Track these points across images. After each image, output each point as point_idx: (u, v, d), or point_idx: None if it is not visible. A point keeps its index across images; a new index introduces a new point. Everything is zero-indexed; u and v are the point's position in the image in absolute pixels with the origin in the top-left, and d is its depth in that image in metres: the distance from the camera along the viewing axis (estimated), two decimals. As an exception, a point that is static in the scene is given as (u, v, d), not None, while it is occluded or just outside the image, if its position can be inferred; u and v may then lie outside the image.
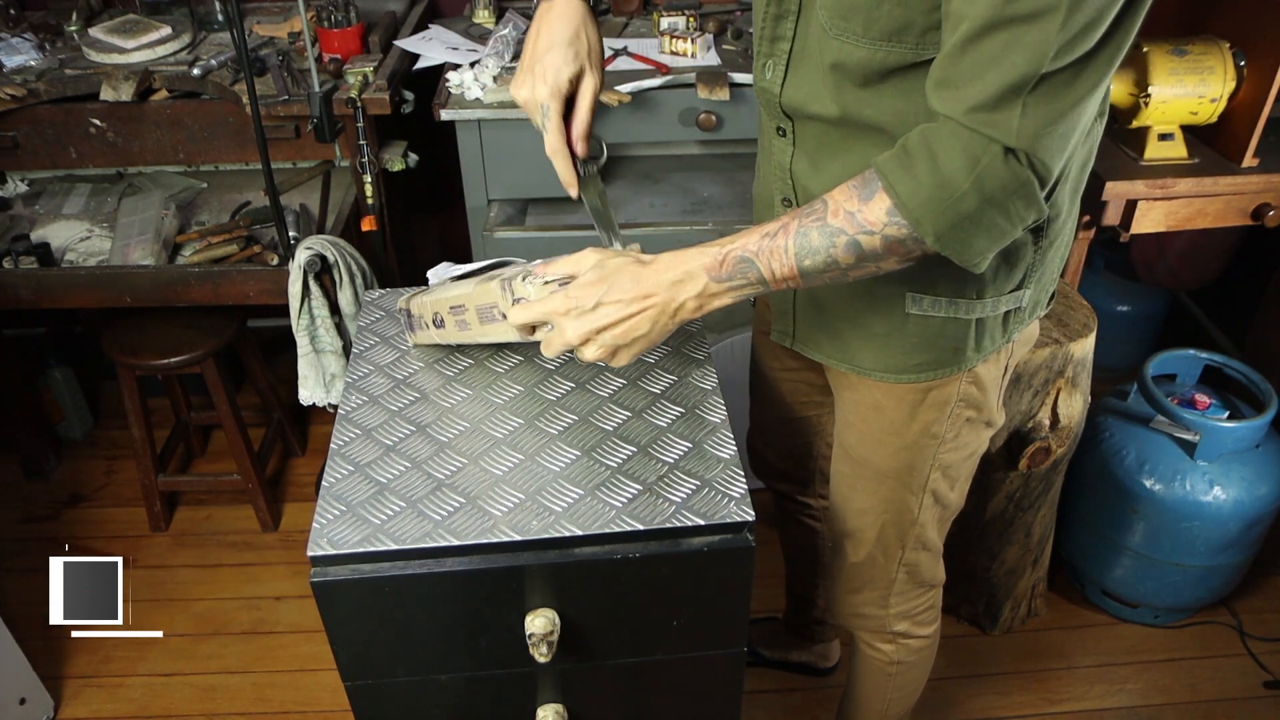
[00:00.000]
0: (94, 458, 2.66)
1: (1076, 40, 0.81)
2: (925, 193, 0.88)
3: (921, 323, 1.13)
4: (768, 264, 0.95)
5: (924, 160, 0.88)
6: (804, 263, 0.94)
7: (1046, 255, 1.12)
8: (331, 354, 2.07)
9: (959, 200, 0.87)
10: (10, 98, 2.06)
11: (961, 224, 0.89)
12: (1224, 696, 2.02)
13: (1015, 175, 0.86)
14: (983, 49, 0.82)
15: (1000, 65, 0.82)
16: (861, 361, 1.20)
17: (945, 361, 1.17)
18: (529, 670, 1.17)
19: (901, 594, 1.42)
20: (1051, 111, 0.84)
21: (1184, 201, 1.94)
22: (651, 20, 2.26)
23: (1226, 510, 1.90)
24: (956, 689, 2.04)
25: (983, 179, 0.86)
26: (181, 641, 2.17)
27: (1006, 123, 0.84)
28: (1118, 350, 2.73)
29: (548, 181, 2.06)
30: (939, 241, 0.90)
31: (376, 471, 1.15)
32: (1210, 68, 1.83)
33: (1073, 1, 0.78)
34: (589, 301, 0.97)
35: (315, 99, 1.90)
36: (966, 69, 0.84)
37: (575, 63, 1.08)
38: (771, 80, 1.07)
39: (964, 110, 0.85)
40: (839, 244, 0.92)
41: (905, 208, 0.89)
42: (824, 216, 0.93)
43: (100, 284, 2.03)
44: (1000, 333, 1.17)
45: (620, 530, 1.07)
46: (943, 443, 1.25)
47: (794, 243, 0.93)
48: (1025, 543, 2.00)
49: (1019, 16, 0.79)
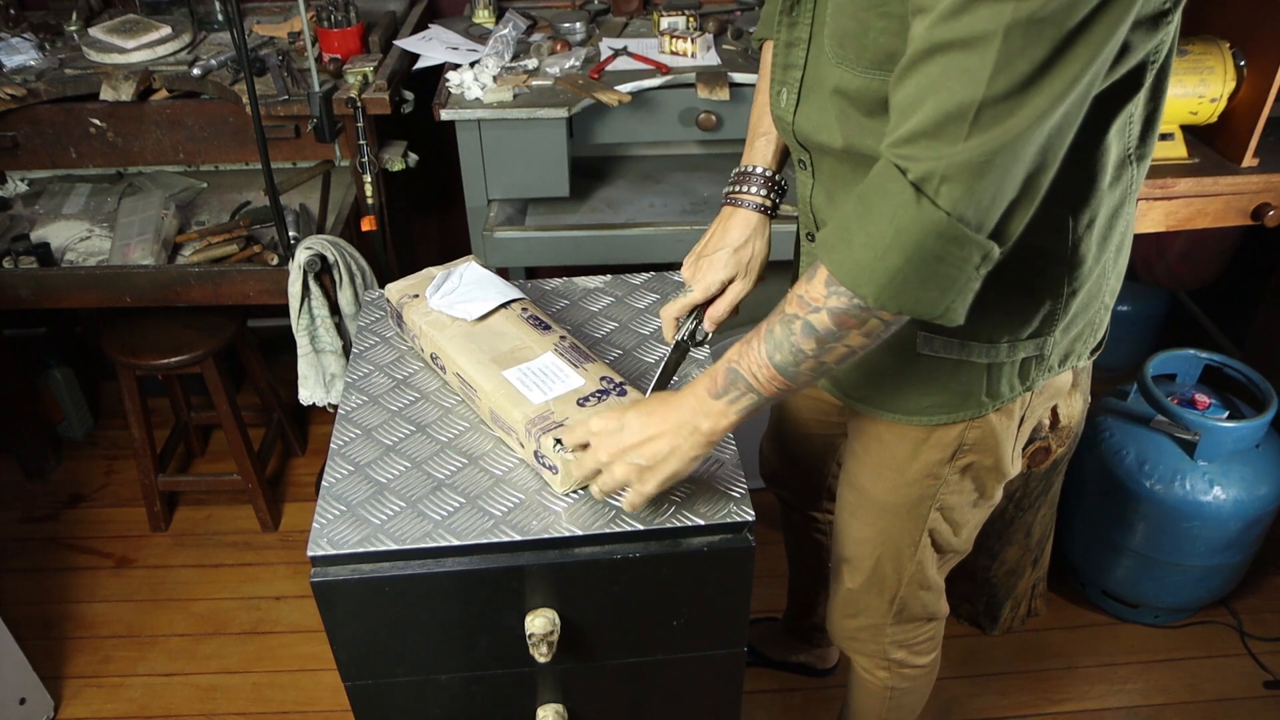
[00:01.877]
0: (94, 458, 2.66)
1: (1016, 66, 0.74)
2: (854, 255, 0.84)
3: (932, 364, 1.11)
4: (749, 370, 0.95)
5: (854, 225, 0.84)
6: (774, 358, 0.93)
7: (1073, 304, 1.06)
8: (331, 354, 2.08)
9: (885, 255, 0.82)
10: (10, 98, 2.06)
11: (898, 280, 0.83)
12: (1224, 696, 2.02)
13: (931, 217, 0.80)
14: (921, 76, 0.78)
15: (936, 93, 0.77)
16: (872, 400, 1.19)
17: (955, 406, 1.13)
18: (529, 670, 1.17)
19: (898, 626, 1.40)
20: (984, 150, 0.77)
21: (1184, 201, 1.94)
22: (651, 20, 2.26)
23: (1226, 510, 1.90)
24: (956, 689, 2.04)
25: (902, 229, 0.81)
26: (181, 641, 2.17)
27: (932, 155, 0.78)
28: (1118, 350, 2.73)
29: (547, 182, 2.08)
30: (880, 302, 0.84)
31: (376, 471, 1.15)
32: (1210, 68, 1.83)
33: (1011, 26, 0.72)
34: (616, 424, 1.03)
35: (315, 99, 1.90)
36: (908, 99, 0.80)
37: (733, 269, 1.22)
38: (785, 108, 1.07)
39: (890, 142, 0.81)
40: (795, 330, 0.91)
41: (839, 273, 0.86)
42: (782, 308, 0.92)
43: (100, 284, 2.03)
44: (1018, 381, 1.12)
45: (620, 530, 1.07)
46: (944, 484, 1.22)
47: (763, 343, 0.93)
48: (1025, 543, 2.00)
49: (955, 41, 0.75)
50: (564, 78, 2.04)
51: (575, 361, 1.20)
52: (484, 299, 1.27)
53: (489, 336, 1.23)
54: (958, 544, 1.32)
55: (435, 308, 1.28)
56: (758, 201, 1.21)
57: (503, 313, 1.27)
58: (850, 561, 1.36)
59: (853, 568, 1.36)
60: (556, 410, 1.12)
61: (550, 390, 1.15)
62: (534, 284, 1.48)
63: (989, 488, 1.25)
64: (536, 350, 1.21)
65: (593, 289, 1.47)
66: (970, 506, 1.27)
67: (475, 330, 1.24)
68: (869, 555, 1.33)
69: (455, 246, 2.71)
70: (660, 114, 2.07)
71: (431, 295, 1.29)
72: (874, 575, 1.34)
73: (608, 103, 1.97)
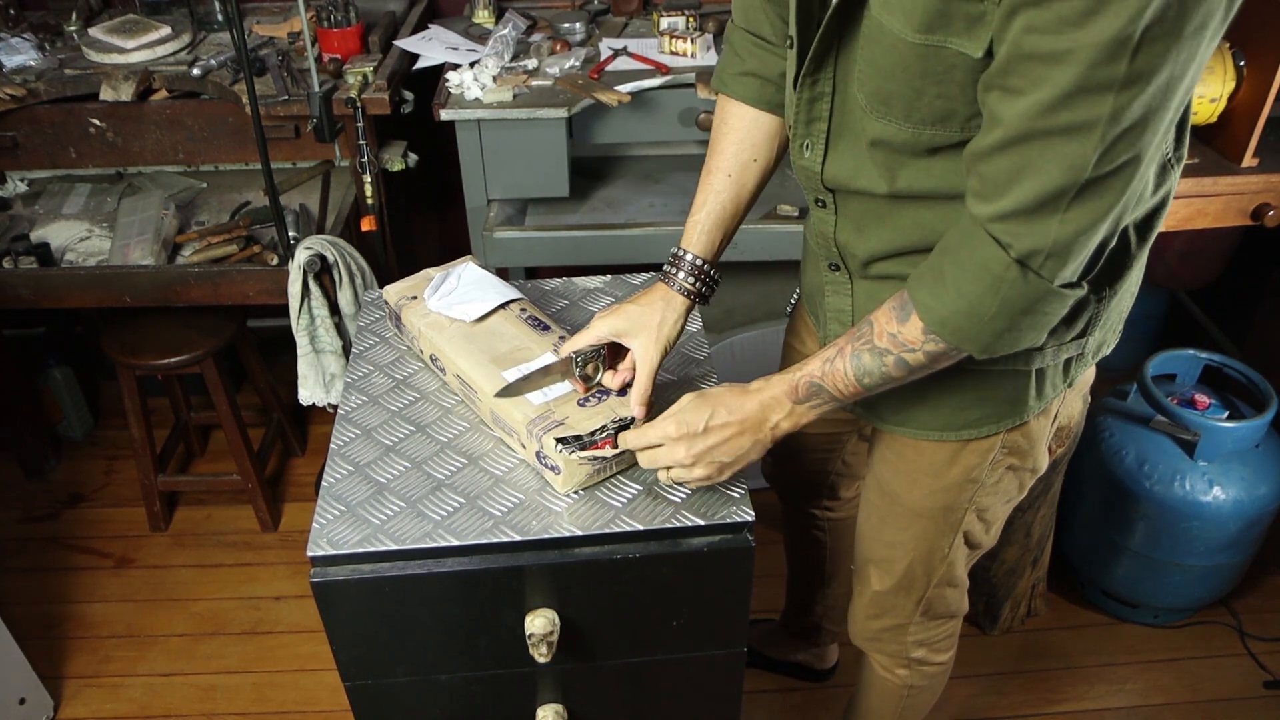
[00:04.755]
0: (94, 458, 2.66)
1: (1120, 149, 0.79)
2: (957, 319, 0.91)
3: (979, 377, 1.11)
4: (834, 385, 1.02)
5: (951, 285, 0.90)
6: (864, 381, 1.01)
7: (1113, 301, 1.09)
8: (331, 354, 2.07)
9: (991, 321, 0.90)
10: (10, 98, 2.06)
11: (1000, 336, 0.92)
12: (1224, 696, 2.02)
13: (1036, 289, 0.87)
14: (1017, 155, 0.81)
15: (1036, 175, 0.81)
16: (918, 422, 1.18)
17: (1004, 414, 1.15)
18: (529, 670, 1.17)
19: (921, 624, 1.41)
20: (1086, 222, 0.83)
21: (1184, 201, 1.93)
22: (651, 20, 2.26)
23: (1226, 510, 1.90)
24: (956, 689, 2.04)
25: (1007, 300, 0.88)
26: (181, 641, 2.17)
27: (1033, 234, 0.84)
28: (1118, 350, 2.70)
29: (547, 182, 2.08)
30: (985, 353, 0.94)
31: (376, 471, 1.15)
32: (1210, 68, 1.83)
33: (1114, 114, 0.77)
34: (699, 425, 1.04)
35: (315, 99, 1.90)
36: (1001, 174, 0.83)
37: (643, 332, 1.14)
38: (811, 159, 1.07)
39: (990, 216, 0.85)
40: (889, 363, 0.98)
41: (941, 332, 0.93)
42: (871, 339, 0.99)
43: (100, 284, 2.03)
44: (1061, 380, 1.15)
45: (620, 530, 1.07)
46: (981, 487, 1.23)
47: (850, 366, 1.00)
48: (1025, 543, 2.00)
49: (1056, 129, 0.78)
50: (564, 78, 2.04)
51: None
52: (482, 300, 1.27)
53: (488, 337, 1.23)
54: (988, 541, 1.34)
55: (434, 309, 1.28)
56: (687, 288, 1.17)
57: (501, 313, 1.27)
58: (880, 564, 1.36)
59: (883, 570, 1.36)
60: (557, 410, 1.12)
61: (550, 391, 1.15)
62: (534, 284, 1.48)
63: (1023, 485, 1.27)
64: (535, 351, 1.21)
65: (593, 289, 1.47)
66: (1003, 504, 1.29)
67: (474, 331, 1.24)
68: (900, 559, 1.32)
69: (455, 246, 2.71)
70: (660, 114, 2.07)
71: (430, 296, 1.29)
72: (905, 577, 1.34)
73: (608, 103, 1.97)
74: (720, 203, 1.18)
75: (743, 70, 1.18)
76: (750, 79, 1.18)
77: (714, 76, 1.23)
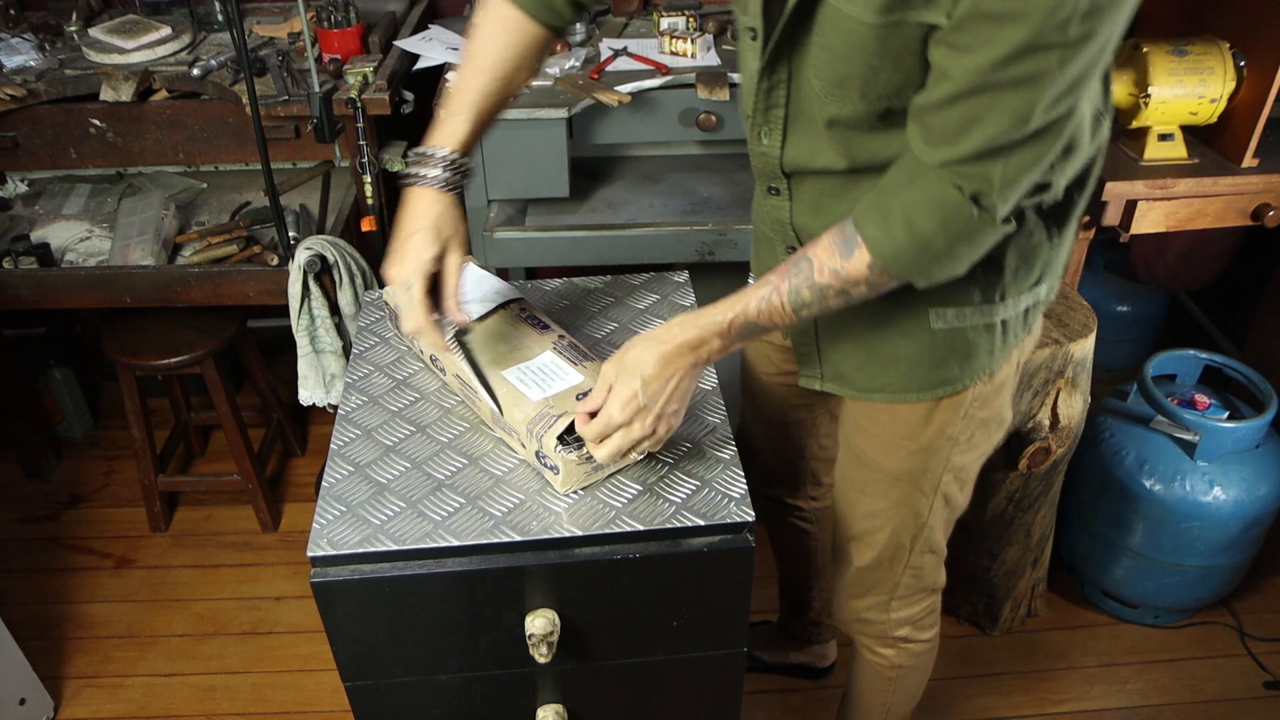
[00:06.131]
0: (94, 458, 2.66)
1: (1061, 100, 0.85)
2: (907, 254, 0.96)
3: (949, 336, 1.14)
4: (769, 319, 1.05)
5: (900, 221, 0.95)
6: (801, 312, 1.04)
7: (1060, 249, 1.14)
8: (331, 354, 2.08)
9: (938, 254, 0.96)
10: (10, 98, 2.06)
11: (943, 267, 0.98)
12: (1224, 696, 2.02)
13: (982, 224, 0.94)
14: (966, 107, 0.86)
15: (984, 125, 0.86)
16: (893, 386, 1.20)
17: (974, 369, 1.18)
18: (529, 670, 1.17)
19: (904, 599, 1.42)
20: (1027, 167, 0.90)
21: (1184, 202, 1.94)
22: (651, 20, 2.26)
23: (1226, 510, 1.90)
24: (956, 689, 2.04)
25: (957, 235, 0.95)
26: (181, 641, 2.17)
27: (982, 177, 0.90)
28: (1118, 350, 2.73)
29: (547, 182, 2.08)
30: (928, 283, 1.00)
31: (376, 472, 1.15)
32: (1210, 68, 1.83)
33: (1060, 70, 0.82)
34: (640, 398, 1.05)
35: (315, 99, 1.90)
36: (950, 125, 0.88)
37: (437, 243, 1.12)
38: (769, 145, 1.10)
39: (942, 162, 0.91)
40: (829, 294, 1.02)
41: (890, 267, 0.98)
42: (811, 275, 1.02)
43: (100, 284, 2.03)
44: (1022, 328, 1.20)
45: (620, 530, 1.07)
46: (956, 444, 1.25)
47: (789, 301, 1.04)
48: (1025, 543, 2.00)
49: (1005, 82, 0.83)
50: (564, 78, 2.04)
51: (575, 359, 1.20)
52: (482, 300, 1.27)
53: (488, 337, 1.23)
54: (962, 501, 1.36)
55: None
56: (443, 179, 1.13)
57: (501, 313, 1.27)
58: (860, 539, 1.37)
59: (863, 544, 1.37)
60: (557, 408, 1.12)
61: (550, 388, 1.15)
62: (534, 284, 1.48)
63: (994, 438, 1.30)
64: (536, 350, 1.21)
65: (593, 289, 1.47)
66: (975, 461, 1.31)
67: (474, 331, 1.24)
68: (882, 528, 1.34)
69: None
70: (660, 114, 2.07)
71: None
72: (887, 548, 1.35)
73: (608, 103, 1.97)
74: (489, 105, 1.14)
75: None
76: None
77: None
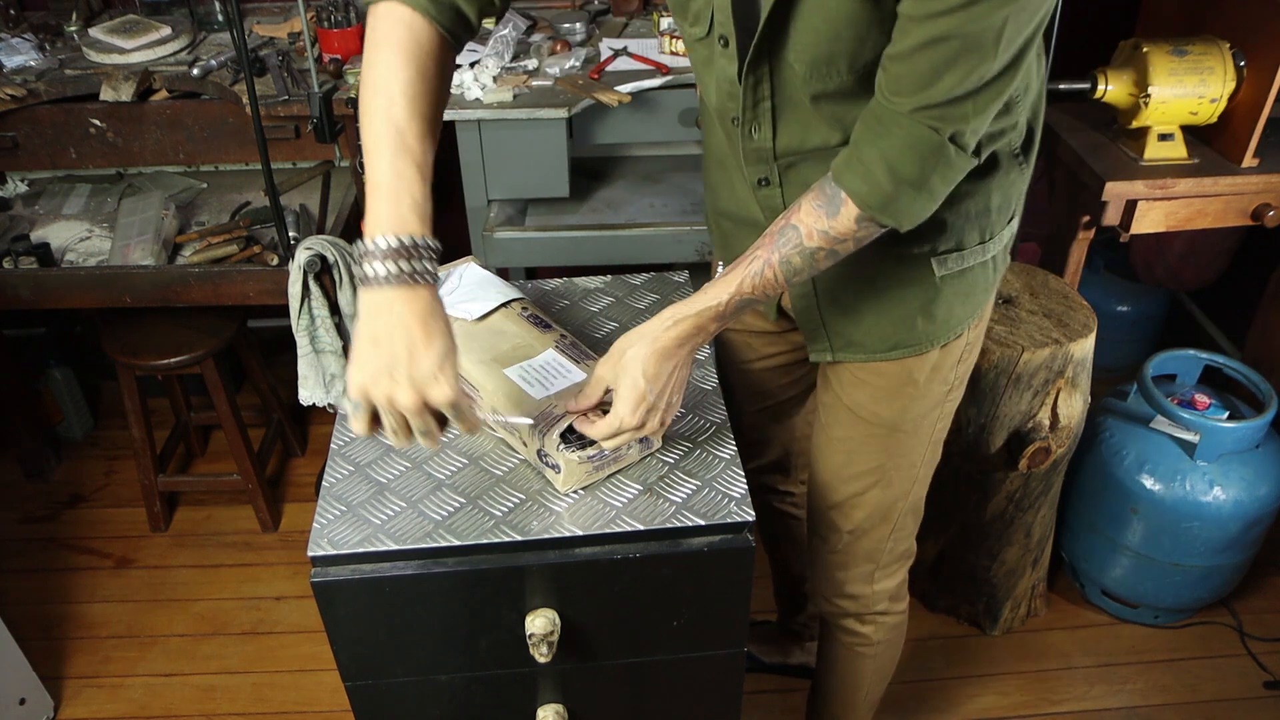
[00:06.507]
0: (94, 458, 2.66)
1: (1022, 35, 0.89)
2: (893, 199, 0.98)
3: (954, 281, 1.17)
4: (762, 293, 1.07)
5: (881, 170, 0.97)
6: (792, 279, 1.06)
7: (1026, 181, 1.18)
8: (331, 354, 2.07)
9: (920, 193, 0.98)
10: (10, 98, 2.06)
11: (924, 208, 1.01)
12: (1224, 696, 2.02)
13: (959, 160, 0.98)
14: (936, 53, 0.89)
15: (955, 69, 0.89)
16: (905, 343, 1.21)
17: (975, 307, 1.22)
18: (529, 670, 1.17)
19: (886, 568, 1.44)
20: (992, 103, 0.94)
21: (1184, 202, 1.94)
22: (651, 20, 2.26)
23: (1226, 510, 1.90)
24: (956, 689, 2.04)
25: (941, 174, 0.98)
26: (181, 641, 2.17)
27: (957, 117, 0.93)
28: (1118, 350, 2.73)
29: (547, 182, 2.08)
30: (911, 225, 1.02)
31: (376, 471, 1.15)
32: (1210, 68, 1.84)
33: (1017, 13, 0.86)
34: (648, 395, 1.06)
35: (315, 99, 1.90)
36: (922, 72, 0.91)
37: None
38: (761, 139, 1.10)
39: (915, 108, 0.93)
40: (819, 257, 1.04)
41: (878, 215, 0.99)
42: (800, 241, 1.03)
43: (100, 284, 2.03)
44: (1004, 261, 1.24)
45: (620, 530, 1.07)
46: (951, 389, 1.28)
47: (780, 270, 1.05)
48: (1025, 543, 2.00)
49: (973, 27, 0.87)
50: (564, 78, 2.04)
51: (577, 358, 1.20)
52: (484, 299, 1.27)
53: (490, 335, 1.23)
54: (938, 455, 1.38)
55: None
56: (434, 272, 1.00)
57: (503, 312, 1.27)
58: (848, 501, 1.37)
59: (851, 507, 1.37)
60: (559, 406, 1.12)
61: (552, 386, 1.15)
62: (534, 284, 1.48)
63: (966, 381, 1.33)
64: (538, 348, 1.21)
65: (593, 289, 1.47)
66: (956, 405, 1.33)
67: (476, 330, 1.24)
68: (873, 485, 1.34)
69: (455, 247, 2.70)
70: (660, 114, 2.07)
71: None
72: (877, 508, 1.36)
73: (608, 103, 1.97)
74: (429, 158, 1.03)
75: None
76: (453, 7, 1.05)
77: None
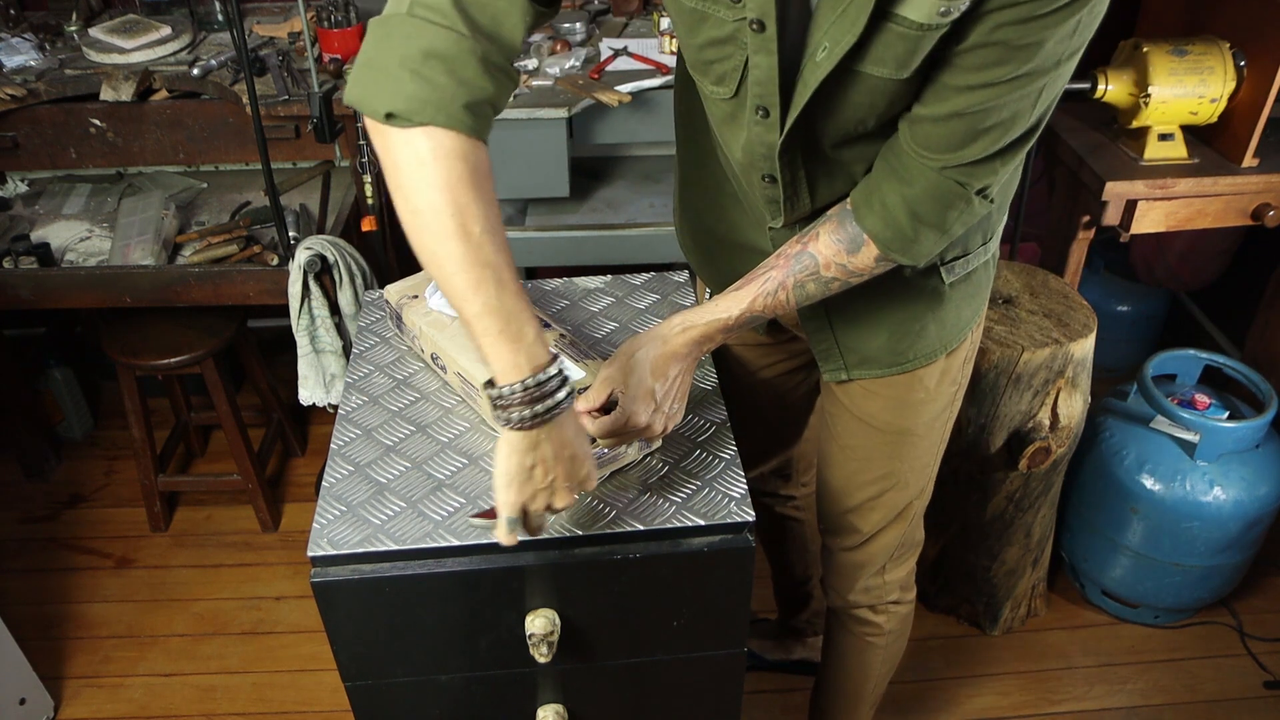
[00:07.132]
0: (94, 458, 2.66)
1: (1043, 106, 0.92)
2: (914, 243, 1.01)
3: (961, 285, 1.19)
4: (770, 311, 1.09)
5: (904, 215, 0.99)
6: (804, 303, 1.09)
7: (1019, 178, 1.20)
8: (331, 354, 2.08)
9: (940, 237, 1.02)
10: (10, 98, 2.06)
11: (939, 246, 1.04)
12: (1224, 696, 2.02)
13: (981, 209, 1.01)
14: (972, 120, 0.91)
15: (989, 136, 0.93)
16: (921, 353, 1.22)
17: (979, 305, 1.25)
18: (529, 670, 1.17)
19: (897, 559, 1.45)
20: (1019, 155, 0.97)
21: (1184, 202, 1.94)
22: (651, 20, 2.26)
23: (1226, 510, 1.90)
24: (956, 689, 2.04)
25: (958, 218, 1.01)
26: (181, 641, 2.17)
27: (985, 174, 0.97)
28: (1118, 350, 2.73)
29: (547, 182, 2.08)
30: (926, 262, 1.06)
31: (376, 471, 1.15)
32: (1210, 68, 1.84)
33: (1050, 84, 0.89)
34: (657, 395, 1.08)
35: (315, 99, 1.90)
36: (956, 136, 0.93)
37: None
38: (801, 206, 1.09)
39: (944, 166, 0.96)
40: (833, 287, 1.07)
41: (898, 257, 1.03)
42: (816, 270, 1.06)
43: (100, 284, 2.03)
44: (994, 263, 1.27)
45: (620, 530, 1.07)
46: (960, 387, 1.30)
47: (794, 294, 1.07)
48: (1025, 543, 2.00)
49: (1012, 100, 0.89)
50: (564, 78, 2.04)
51: (577, 356, 1.20)
52: None
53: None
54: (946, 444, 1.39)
55: (435, 308, 1.28)
56: None
57: None
58: (866, 504, 1.37)
59: (870, 509, 1.38)
60: None
61: None
62: (534, 284, 1.48)
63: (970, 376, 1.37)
64: None
65: (593, 289, 1.47)
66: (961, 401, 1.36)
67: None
68: (892, 487, 1.35)
69: (455, 246, 2.70)
70: (660, 114, 2.07)
71: (431, 296, 1.29)
72: (894, 507, 1.37)
73: (608, 103, 1.97)
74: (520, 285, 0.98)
75: (477, 98, 0.89)
76: (487, 109, 0.91)
77: (420, 105, 0.86)
